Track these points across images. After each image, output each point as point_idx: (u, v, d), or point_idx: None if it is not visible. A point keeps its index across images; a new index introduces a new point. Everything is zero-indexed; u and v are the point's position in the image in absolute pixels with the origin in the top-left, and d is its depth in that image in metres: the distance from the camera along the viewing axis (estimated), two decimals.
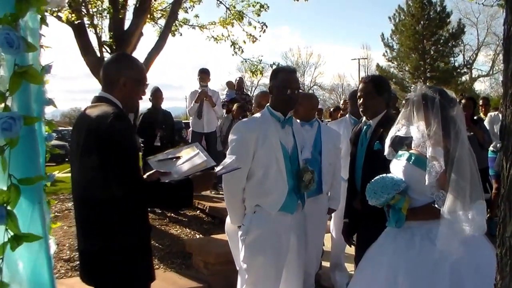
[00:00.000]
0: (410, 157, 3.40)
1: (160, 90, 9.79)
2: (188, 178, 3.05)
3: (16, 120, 2.43)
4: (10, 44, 2.45)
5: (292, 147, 4.17)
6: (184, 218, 8.89)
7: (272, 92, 4.18)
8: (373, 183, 3.41)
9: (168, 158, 3.32)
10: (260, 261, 4.01)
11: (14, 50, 2.47)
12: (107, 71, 3.14)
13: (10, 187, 2.50)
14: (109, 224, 2.89)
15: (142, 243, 3.03)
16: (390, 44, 47.96)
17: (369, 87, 4.19)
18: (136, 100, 3.25)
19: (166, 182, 3.06)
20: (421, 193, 3.32)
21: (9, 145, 2.48)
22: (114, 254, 2.89)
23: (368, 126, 4.25)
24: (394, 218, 3.32)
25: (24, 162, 2.61)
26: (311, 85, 62.85)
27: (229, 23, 11.45)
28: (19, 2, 2.54)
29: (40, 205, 2.70)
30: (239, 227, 4.16)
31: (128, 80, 3.08)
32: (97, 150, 2.79)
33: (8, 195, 2.49)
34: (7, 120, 2.40)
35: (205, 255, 6.29)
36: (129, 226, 2.93)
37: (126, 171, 2.80)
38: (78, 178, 3.01)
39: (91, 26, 9.56)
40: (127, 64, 3.17)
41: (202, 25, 11.94)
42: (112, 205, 2.83)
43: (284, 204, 4.02)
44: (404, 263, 3.21)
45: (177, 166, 3.24)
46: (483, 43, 51.41)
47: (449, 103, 3.36)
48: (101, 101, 3.05)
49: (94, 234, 2.92)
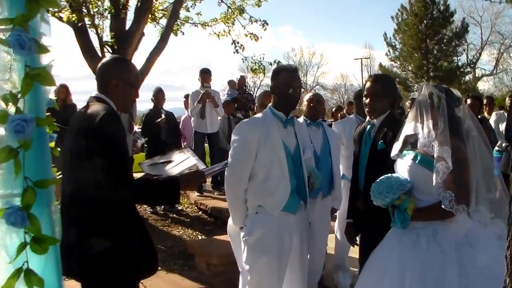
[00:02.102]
0: (416, 156, 3.37)
1: (162, 91, 9.80)
2: (175, 176, 3.14)
3: (29, 122, 2.43)
4: (21, 46, 2.44)
5: (294, 147, 4.14)
6: (186, 219, 8.89)
7: (274, 91, 4.17)
8: (378, 183, 3.37)
9: (160, 162, 3.41)
10: (262, 262, 3.98)
11: (26, 52, 2.47)
12: (101, 73, 3.22)
13: (27, 189, 2.48)
14: (95, 220, 2.90)
15: (129, 241, 2.99)
16: (393, 43, 47.91)
17: (377, 87, 4.13)
18: (129, 102, 3.30)
19: (153, 179, 3.10)
20: (427, 193, 3.29)
21: (23, 148, 2.46)
22: (99, 250, 2.86)
23: (372, 126, 4.21)
24: (399, 219, 3.28)
25: (38, 164, 2.60)
26: (313, 85, 62.88)
27: (230, 18, 11.40)
28: (30, 2, 2.53)
29: (49, 208, 2.69)
30: (241, 228, 4.13)
31: (120, 82, 3.16)
32: (85, 146, 2.84)
33: (26, 198, 2.48)
34: (19, 122, 2.40)
35: (207, 256, 6.27)
36: (116, 224, 2.95)
37: (113, 166, 2.83)
38: (67, 175, 3.02)
39: (92, 26, 9.54)
40: (120, 66, 3.26)
41: (204, 23, 11.91)
42: (100, 201, 2.85)
43: (287, 204, 3.99)
44: (411, 265, 3.18)
45: (168, 169, 3.34)
46: (487, 42, 51.24)
47: (455, 102, 3.33)
48: (96, 101, 3.11)
49: (81, 229, 2.91)
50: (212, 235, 7.64)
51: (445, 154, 3.15)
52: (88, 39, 9.33)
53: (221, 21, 11.60)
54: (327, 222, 5.54)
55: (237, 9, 11.28)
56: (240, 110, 11.83)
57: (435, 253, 3.15)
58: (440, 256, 3.12)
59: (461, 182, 3.17)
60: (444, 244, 3.17)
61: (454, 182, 3.18)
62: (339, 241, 6.10)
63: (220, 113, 10.44)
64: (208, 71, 10.40)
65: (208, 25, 11.82)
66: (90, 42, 9.34)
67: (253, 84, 57.06)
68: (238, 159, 3.98)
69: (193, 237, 7.89)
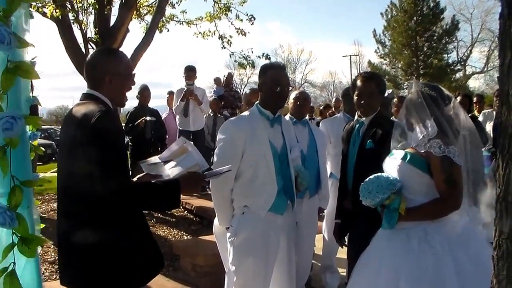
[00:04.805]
0: (406, 155, 3.37)
1: (148, 88, 9.74)
2: (176, 179, 3.02)
3: (17, 120, 2.40)
4: (1, 40, 2.41)
5: (281, 146, 4.14)
6: (172, 219, 8.86)
7: (262, 89, 4.15)
8: (367, 183, 3.37)
9: (159, 162, 3.29)
10: (249, 263, 3.97)
11: (6, 46, 2.44)
12: (91, 69, 3.06)
13: (15, 189, 2.46)
14: (92, 224, 2.81)
15: (126, 247, 2.91)
16: (382, 40, 48.15)
17: (372, 86, 4.15)
18: (124, 92, 3.17)
19: (153, 183, 3.02)
20: (417, 193, 3.31)
21: (10, 145, 2.44)
22: (94, 253, 2.80)
23: (361, 124, 4.22)
24: (387, 219, 3.30)
25: (22, 163, 2.57)
26: (302, 82, 62.94)
27: (217, 17, 11.42)
28: None
29: (29, 209, 2.67)
30: (228, 228, 4.13)
31: (114, 77, 3.02)
32: (83, 150, 2.74)
33: (15, 198, 2.46)
34: (8, 119, 2.37)
35: (193, 257, 6.25)
36: (114, 228, 2.85)
37: (112, 172, 2.73)
38: (64, 179, 2.94)
39: (76, 22, 9.50)
40: (111, 59, 3.09)
41: (189, 21, 11.88)
42: (98, 206, 2.77)
43: (274, 204, 3.98)
44: (405, 267, 3.17)
45: (168, 169, 3.22)
46: (477, 39, 51.63)
47: (445, 100, 3.35)
48: (89, 99, 2.99)
49: (81, 236, 2.82)
50: (198, 235, 7.62)
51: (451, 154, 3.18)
52: (72, 34, 9.30)
53: (206, 20, 11.61)
54: (314, 222, 5.55)
55: (223, 7, 11.28)
56: (227, 108, 11.82)
57: (428, 254, 3.15)
58: (433, 257, 3.13)
59: (452, 182, 3.20)
60: (436, 245, 3.17)
61: (445, 181, 3.20)
62: (327, 241, 6.11)
63: (204, 111, 10.43)
64: (193, 69, 10.37)
65: (193, 23, 11.80)
66: (74, 38, 9.31)
67: (240, 82, 57.00)
68: (224, 158, 3.95)
69: (178, 237, 7.87)
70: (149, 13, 11.41)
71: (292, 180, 4.22)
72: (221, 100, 11.26)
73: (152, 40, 9.48)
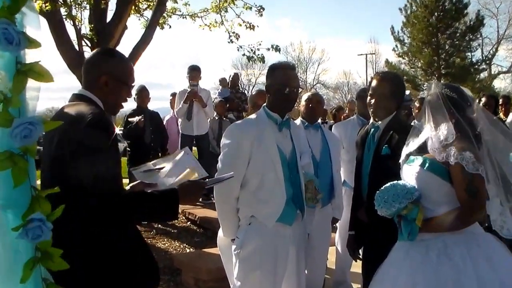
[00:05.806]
0: (425, 162, 3.36)
1: (146, 89, 9.67)
2: (174, 188, 2.97)
3: (36, 126, 2.37)
4: (9, 41, 2.40)
5: (290, 152, 4.14)
6: (173, 230, 8.87)
7: (269, 91, 4.15)
8: (383, 191, 3.36)
9: (155, 169, 3.28)
10: (255, 277, 3.97)
11: (14, 47, 2.43)
12: (88, 67, 3.06)
13: (38, 199, 2.44)
14: (75, 236, 2.72)
15: (114, 259, 2.85)
16: (400, 38, 47.94)
17: (384, 86, 4.12)
18: (119, 102, 3.14)
19: (148, 193, 2.97)
20: (436, 203, 3.30)
21: (28, 153, 2.43)
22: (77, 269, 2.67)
23: (376, 129, 4.20)
24: (406, 230, 3.28)
25: (32, 172, 2.57)
26: (314, 83, 62.96)
27: (222, 6, 11.33)
28: None
29: None
30: (233, 240, 4.13)
31: (111, 79, 3.00)
32: (70, 156, 2.70)
33: (42, 208, 2.45)
34: (27, 126, 2.35)
35: (195, 271, 6.27)
36: (113, 243, 2.82)
37: (102, 181, 2.67)
38: (48, 185, 2.86)
39: (69, 17, 9.48)
40: (111, 61, 3.08)
41: (194, 14, 11.83)
42: (87, 219, 2.71)
43: (282, 214, 3.98)
44: (423, 281, 3.16)
45: (165, 177, 3.21)
46: (504, 36, 51.37)
47: (467, 102, 3.34)
48: (80, 100, 2.97)
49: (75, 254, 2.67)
50: (201, 248, 7.64)
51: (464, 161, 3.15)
52: (64, 31, 9.27)
53: (212, 11, 11.52)
54: (327, 234, 5.55)
55: None
56: (233, 111, 11.79)
57: (446, 266, 3.14)
58: (452, 270, 3.12)
59: (473, 191, 3.17)
60: (455, 257, 3.16)
61: (466, 190, 3.18)
62: (340, 254, 6.11)
63: (209, 114, 10.37)
64: (197, 68, 10.28)
65: (198, 16, 11.75)
66: (66, 34, 9.28)
67: (247, 82, 57.09)
68: (229, 165, 3.94)
69: (180, 250, 7.89)
70: (148, 8, 11.39)
71: (302, 188, 4.21)
72: (226, 102, 11.25)
73: (152, 38, 9.49)
